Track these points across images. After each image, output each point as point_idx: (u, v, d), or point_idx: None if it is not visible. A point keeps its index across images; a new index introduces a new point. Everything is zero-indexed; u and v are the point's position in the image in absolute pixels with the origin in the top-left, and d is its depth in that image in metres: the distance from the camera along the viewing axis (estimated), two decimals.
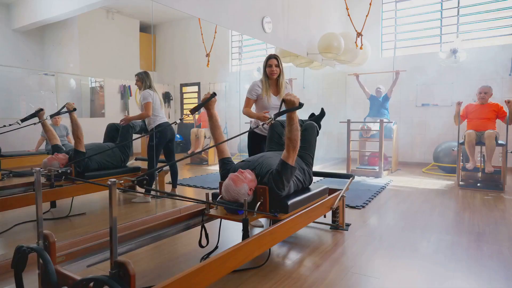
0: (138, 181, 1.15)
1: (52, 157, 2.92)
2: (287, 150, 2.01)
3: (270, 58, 2.80)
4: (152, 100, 3.42)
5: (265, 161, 2.14)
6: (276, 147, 2.58)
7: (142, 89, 3.46)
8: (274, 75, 2.79)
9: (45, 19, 3.50)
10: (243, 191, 1.91)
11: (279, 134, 2.61)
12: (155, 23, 5.34)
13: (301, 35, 5.24)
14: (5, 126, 2.78)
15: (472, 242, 2.46)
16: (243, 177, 1.95)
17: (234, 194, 1.90)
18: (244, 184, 1.92)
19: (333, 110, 7.15)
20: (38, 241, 1.29)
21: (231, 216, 1.98)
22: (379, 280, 1.91)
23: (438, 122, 6.26)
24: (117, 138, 3.55)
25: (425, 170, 5.79)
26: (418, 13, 6.47)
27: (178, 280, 1.30)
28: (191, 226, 2.09)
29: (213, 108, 2.23)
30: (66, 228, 2.72)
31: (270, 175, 2.02)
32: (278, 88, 2.86)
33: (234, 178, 1.94)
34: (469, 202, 3.66)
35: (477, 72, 5.80)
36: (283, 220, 2.00)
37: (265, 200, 1.99)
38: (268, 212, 2.00)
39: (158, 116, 3.49)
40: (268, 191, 1.99)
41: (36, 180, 1.31)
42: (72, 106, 3.02)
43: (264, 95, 2.81)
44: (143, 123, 3.69)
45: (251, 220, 1.93)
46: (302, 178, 2.35)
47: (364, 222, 2.98)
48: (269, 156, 2.25)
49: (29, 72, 3.54)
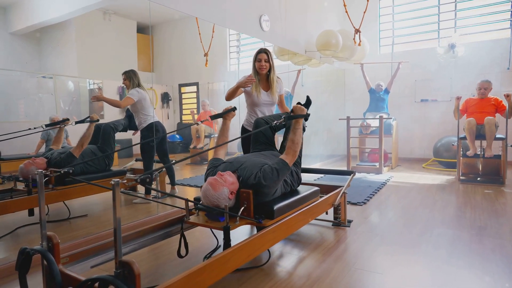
0: (141, 180, 1.15)
1: (29, 162, 2.78)
2: (288, 152, 2.00)
3: (259, 53, 2.67)
4: (140, 98, 3.38)
5: (248, 162, 1.98)
6: (261, 147, 2.43)
7: (130, 87, 3.41)
8: (263, 70, 2.67)
9: (42, 22, 3.49)
10: (223, 196, 1.74)
11: (263, 133, 2.45)
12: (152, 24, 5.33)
13: (299, 33, 5.24)
14: (29, 129, 2.87)
15: (474, 236, 2.47)
16: (223, 180, 1.78)
17: (214, 199, 1.74)
18: (224, 188, 1.75)
19: (332, 108, 7.15)
20: (42, 242, 1.29)
21: (211, 223, 1.81)
22: (382, 275, 1.91)
23: (437, 117, 6.27)
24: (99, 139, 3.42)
25: (425, 165, 5.80)
26: (416, 9, 6.47)
27: (182, 279, 1.30)
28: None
29: (230, 119, 2.35)
30: (68, 230, 2.72)
31: (259, 171, 1.87)
32: (269, 83, 2.75)
33: (212, 182, 1.76)
34: (470, 196, 3.66)
35: (476, 66, 5.80)
36: (270, 226, 1.85)
37: (248, 205, 1.83)
38: (252, 218, 1.85)
39: (149, 115, 3.47)
40: (252, 195, 1.83)
41: (39, 183, 1.31)
42: (96, 117, 3.16)
43: (254, 92, 2.71)
44: (126, 121, 3.64)
45: (233, 228, 1.75)
46: (290, 180, 2.23)
47: (365, 218, 2.98)
48: (252, 157, 2.10)
49: (27, 75, 3.53)
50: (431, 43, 6.37)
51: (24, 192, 2.65)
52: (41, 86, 3.69)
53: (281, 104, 2.97)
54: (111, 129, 3.42)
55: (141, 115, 3.44)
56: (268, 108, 2.85)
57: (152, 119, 3.49)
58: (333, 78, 7.20)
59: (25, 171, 2.71)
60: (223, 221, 1.76)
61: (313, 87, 6.88)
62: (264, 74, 2.73)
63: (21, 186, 2.74)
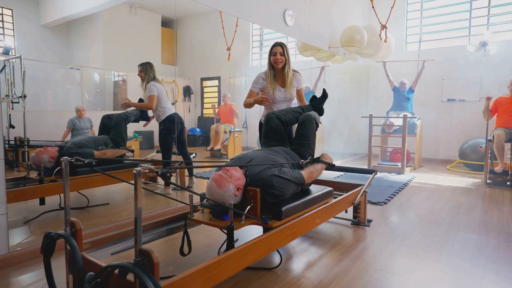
0: (162, 173, 1.16)
1: (41, 150, 2.76)
2: (309, 175, 2.08)
3: (275, 46, 2.60)
4: (158, 92, 3.42)
5: (257, 158, 1.92)
6: (272, 143, 2.36)
7: (146, 80, 3.43)
8: (278, 64, 2.60)
9: (71, 15, 3.59)
10: (228, 193, 1.66)
11: (274, 128, 2.37)
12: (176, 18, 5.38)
13: (323, 28, 5.15)
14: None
15: (502, 243, 2.36)
16: (228, 175, 1.70)
17: (219, 197, 1.66)
18: (230, 185, 1.67)
19: (355, 105, 7.02)
20: (65, 227, 1.33)
21: (215, 222, 1.73)
22: (402, 277, 1.86)
23: (464, 118, 6.04)
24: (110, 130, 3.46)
25: (450, 167, 5.61)
26: (446, 5, 6.23)
27: (200, 271, 1.31)
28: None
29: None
30: (89, 217, 2.79)
31: (272, 176, 1.79)
32: (284, 79, 2.68)
33: (217, 179, 1.68)
34: (497, 200, 3.51)
35: (508, 65, 5.53)
36: (277, 228, 1.76)
37: (255, 204, 1.73)
38: (258, 218, 1.76)
39: (167, 107, 3.51)
40: (259, 193, 1.73)
41: (64, 169, 1.34)
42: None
43: (270, 88, 2.64)
44: (137, 111, 3.67)
45: (238, 228, 1.66)
46: None
47: (386, 218, 2.91)
48: (261, 153, 2.03)
49: (56, 66, 3.65)
50: (461, 41, 6.13)
51: (36, 181, 2.65)
52: (69, 77, 3.80)
53: (300, 99, 2.90)
54: (122, 120, 3.46)
55: (159, 108, 3.48)
56: (287, 104, 2.81)
57: (170, 111, 3.52)
58: (356, 75, 7.06)
59: (37, 160, 2.70)
60: (228, 220, 1.67)
61: (336, 84, 6.78)
62: (279, 68, 2.66)
63: (34, 175, 2.75)
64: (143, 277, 1.03)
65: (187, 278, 1.25)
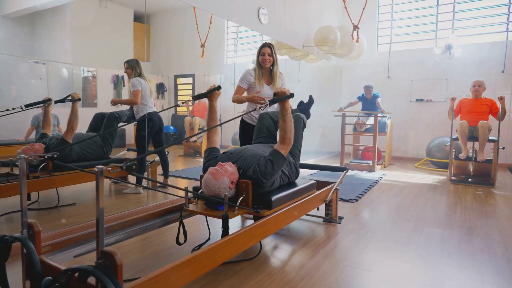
0: (127, 167, 1.11)
1: (27, 147, 2.77)
2: (282, 141, 2.00)
3: (263, 47, 2.74)
4: (142, 88, 3.37)
5: (248, 153, 2.03)
6: (263, 140, 2.49)
7: (132, 77, 3.39)
8: (266, 64, 2.73)
9: (36, 5, 3.41)
10: (223, 186, 1.81)
11: (267, 127, 2.53)
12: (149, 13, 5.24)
13: (298, 27, 5.19)
14: (8, 110, 2.74)
15: (464, 236, 2.47)
16: (223, 170, 1.84)
17: (214, 189, 1.80)
18: (225, 178, 1.82)
19: (328, 104, 7.13)
20: (22, 230, 1.25)
21: (210, 212, 1.88)
22: (371, 272, 1.90)
23: (431, 117, 6.28)
24: (102, 127, 3.43)
25: (418, 165, 5.82)
26: (415, 8, 6.44)
27: (167, 272, 1.27)
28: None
29: (216, 100, 2.24)
30: (55, 218, 2.67)
31: (256, 165, 1.92)
32: (272, 78, 2.80)
33: (213, 172, 1.83)
34: (460, 196, 3.67)
35: (471, 68, 5.81)
36: (268, 216, 1.90)
37: (247, 195, 1.89)
38: (250, 208, 1.89)
39: (147, 105, 3.44)
40: (251, 185, 1.88)
41: (20, 168, 1.27)
42: (77, 96, 3.01)
43: (257, 84, 2.75)
44: (130, 112, 3.60)
45: (232, 217, 1.82)
46: (288, 171, 2.26)
47: (357, 215, 2.98)
48: (252, 148, 2.15)
49: (19, 60, 3.46)
50: (429, 43, 6.36)
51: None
52: (33, 71, 3.62)
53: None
54: (115, 118, 3.43)
55: (140, 104, 3.40)
56: None
57: (150, 109, 3.46)
58: (329, 74, 7.17)
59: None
60: (222, 210, 1.83)
61: (310, 83, 6.86)
62: (267, 68, 2.77)
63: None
64: (105, 280, 0.99)
65: (153, 279, 1.21)
